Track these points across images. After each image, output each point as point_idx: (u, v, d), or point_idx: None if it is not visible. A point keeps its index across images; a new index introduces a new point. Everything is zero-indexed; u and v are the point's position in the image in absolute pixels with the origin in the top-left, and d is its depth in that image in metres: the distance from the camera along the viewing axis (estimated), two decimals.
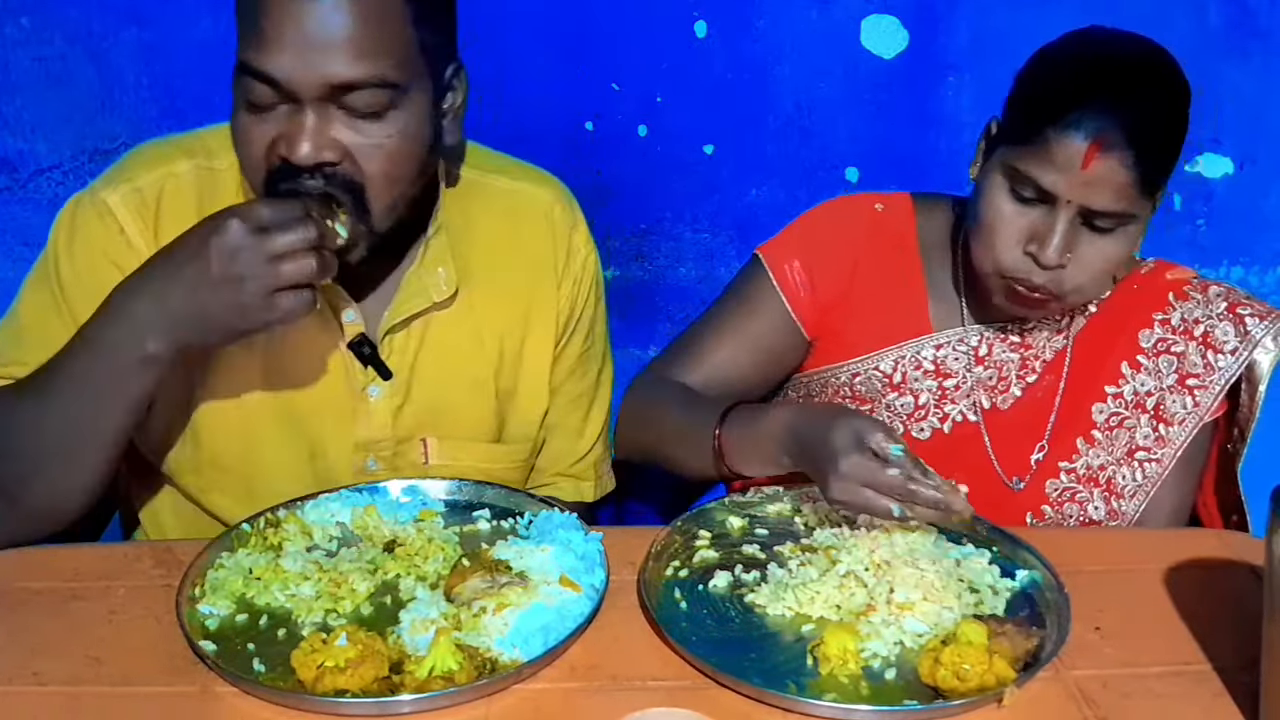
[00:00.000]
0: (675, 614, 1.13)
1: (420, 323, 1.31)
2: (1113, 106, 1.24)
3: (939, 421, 1.46)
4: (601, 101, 1.88)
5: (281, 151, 1.11)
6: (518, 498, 1.31)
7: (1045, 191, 1.27)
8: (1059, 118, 1.24)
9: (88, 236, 1.23)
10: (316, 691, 0.98)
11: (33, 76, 1.85)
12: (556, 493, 1.46)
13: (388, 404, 1.31)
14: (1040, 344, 1.46)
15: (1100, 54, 1.30)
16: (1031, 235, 1.29)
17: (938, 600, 1.13)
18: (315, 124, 1.10)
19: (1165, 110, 1.28)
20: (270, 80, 1.10)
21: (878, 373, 1.47)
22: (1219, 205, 1.98)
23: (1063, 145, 1.24)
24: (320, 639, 1.02)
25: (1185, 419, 1.43)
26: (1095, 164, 1.23)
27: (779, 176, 1.94)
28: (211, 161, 1.27)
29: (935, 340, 1.47)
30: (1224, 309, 1.44)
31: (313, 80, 1.09)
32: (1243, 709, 1.02)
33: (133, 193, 1.23)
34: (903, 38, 1.85)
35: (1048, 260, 1.28)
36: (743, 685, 1.02)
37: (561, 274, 1.38)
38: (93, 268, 1.22)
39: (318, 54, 1.09)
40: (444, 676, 1.00)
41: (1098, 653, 1.09)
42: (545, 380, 1.39)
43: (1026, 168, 1.27)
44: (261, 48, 1.09)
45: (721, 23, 1.85)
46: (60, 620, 1.10)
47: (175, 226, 1.17)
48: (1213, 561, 1.25)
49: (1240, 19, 1.88)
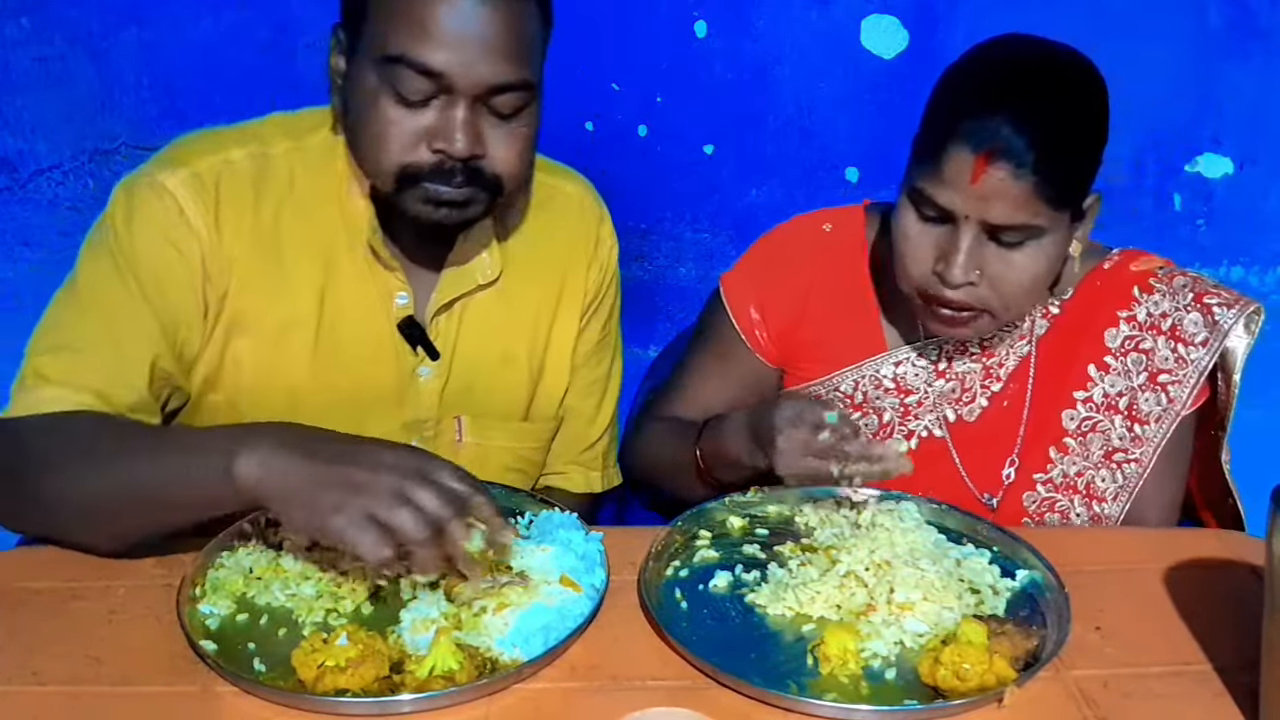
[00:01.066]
0: (675, 614, 1.13)
1: (461, 304, 1.36)
2: (1002, 117, 1.20)
3: (905, 439, 1.45)
4: (601, 101, 1.88)
5: (438, 145, 1.17)
6: (518, 498, 1.31)
7: (943, 210, 1.25)
8: (949, 132, 1.22)
9: (147, 215, 1.24)
10: (317, 691, 0.98)
11: (33, 76, 1.85)
12: (566, 482, 1.52)
13: (435, 384, 1.35)
14: (1002, 352, 1.44)
15: (995, 65, 1.27)
16: (939, 254, 1.27)
17: (938, 600, 1.13)
18: (470, 118, 1.17)
19: (1063, 118, 1.22)
20: (432, 74, 1.14)
21: (839, 394, 1.47)
22: (1219, 205, 1.98)
23: (953, 161, 1.22)
24: (321, 638, 1.01)
25: (1161, 416, 1.41)
26: (985, 177, 1.20)
27: (779, 176, 1.94)
28: (265, 147, 1.29)
29: (893, 357, 1.46)
30: (1191, 299, 1.41)
31: (474, 79, 1.15)
32: (1243, 709, 1.02)
33: (192, 177, 1.25)
34: (903, 38, 1.85)
35: (952, 279, 1.26)
36: (743, 685, 1.02)
37: (590, 259, 1.45)
38: (152, 244, 1.23)
39: (481, 54, 1.14)
40: (444, 676, 1.00)
41: (1098, 653, 1.09)
42: (569, 359, 1.45)
43: (924, 186, 1.25)
44: (425, 42, 1.14)
45: (721, 23, 1.85)
46: (60, 620, 1.09)
47: (234, 212, 1.24)
48: (1213, 561, 1.25)
49: (1240, 19, 1.87)
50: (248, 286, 1.27)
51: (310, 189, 1.29)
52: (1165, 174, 1.96)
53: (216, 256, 1.25)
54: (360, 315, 1.31)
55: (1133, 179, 1.96)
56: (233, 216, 1.24)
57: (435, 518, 0.98)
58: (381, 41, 1.15)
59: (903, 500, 1.31)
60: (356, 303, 1.31)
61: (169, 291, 1.24)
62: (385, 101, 1.17)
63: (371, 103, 1.17)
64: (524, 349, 1.41)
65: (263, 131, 1.31)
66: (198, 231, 1.23)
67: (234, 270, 1.26)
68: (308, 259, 1.29)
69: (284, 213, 1.28)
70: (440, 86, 1.15)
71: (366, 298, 1.31)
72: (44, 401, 1.16)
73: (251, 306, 1.28)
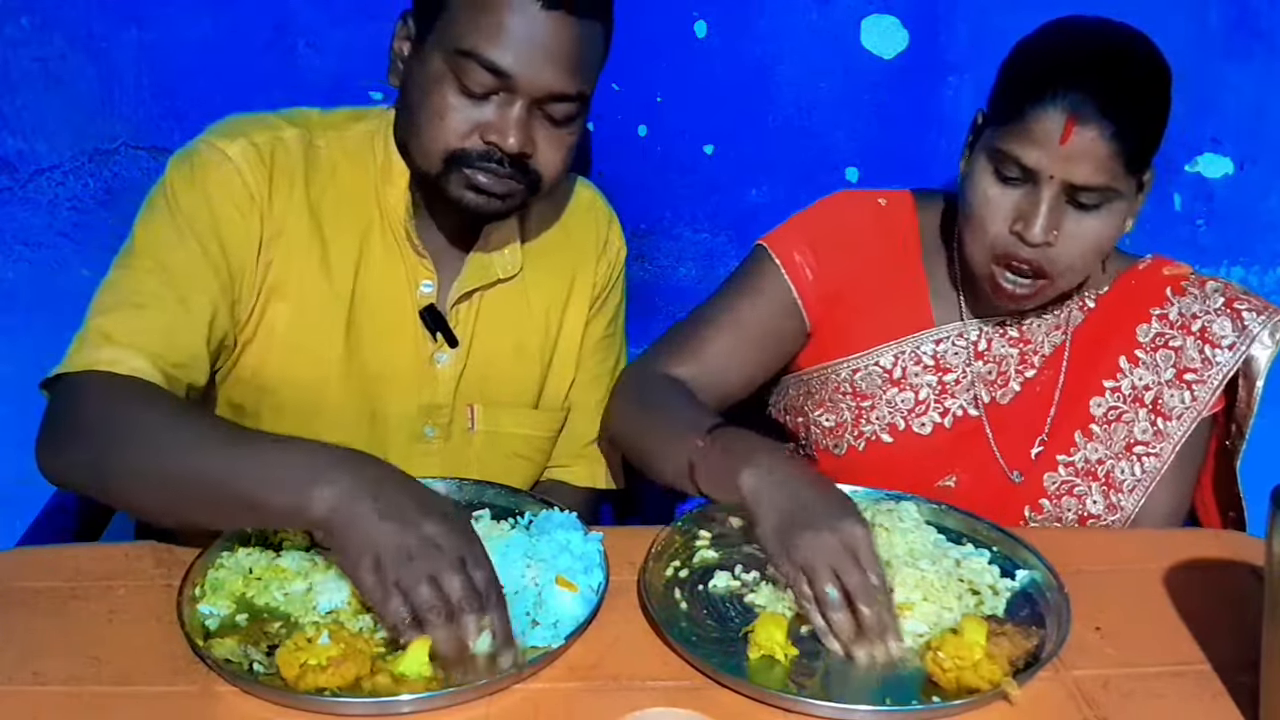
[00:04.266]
0: (675, 614, 1.13)
1: (479, 295, 1.41)
2: (1089, 80, 1.25)
3: (939, 416, 1.46)
4: (601, 101, 1.87)
5: (491, 138, 1.23)
6: (518, 498, 1.31)
7: (1028, 169, 1.28)
8: (1037, 95, 1.26)
9: (207, 176, 1.28)
10: (299, 689, 0.98)
11: (33, 76, 1.85)
12: (570, 475, 1.54)
13: (453, 370, 1.40)
14: (1039, 339, 1.47)
15: (1077, 35, 1.32)
16: (1018, 215, 1.30)
17: (938, 600, 1.13)
18: (526, 119, 1.23)
19: (1143, 84, 1.29)
20: (499, 72, 1.20)
21: (878, 368, 1.47)
22: (1219, 205, 1.98)
23: (1041, 121, 1.26)
24: (306, 637, 1.02)
25: (1183, 414, 1.44)
26: (1074, 137, 1.25)
27: (779, 176, 1.94)
28: (313, 136, 1.35)
29: (935, 335, 1.47)
30: (1221, 304, 1.45)
31: (537, 83, 1.21)
32: (1243, 709, 1.02)
33: (250, 147, 1.30)
34: (903, 38, 1.85)
35: (1033, 238, 1.29)
36: (743, 685, 1.02)
37: (599, 256, 1.50)
38: (212, 204, 1.27)
39: (546, 62, 1.21)
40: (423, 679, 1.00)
41: (1098, 653, 1.10)
42: (576, 349, 1.49)
43: (1008, 147, 1.29)
44: (498, 41, 1.19)
45: (721, 23, 1.85)
46: (60, 620, 1.10)
47: (286, 183, 1.31)
48: (1213, 561, 1.26)
49: (1240, 19, 1.87)
50: (292, 257, 1.32)
51: (350, 175, 1.35)
52: (1165, 174, 1.96)
53: (269, 223, 1.30)
54: (387, 299, 1.36)
55: None
56: (285, 187, 1.31)
57: (453, 608, 1.01)
58: (456, 35, 1.21)
59: (902, 500, 1.32)
60: (385, 286, 1.36)
61: (230, 249, 1.28)
62: (449, 88, 1.23)
63: (435, 88, 1.23)
64: (536, 341, 1.46)
65: (306, 120, 1.37)
66: (255, 197, 1.29)
67: (281, 240, 1.31)
68: (346, 239, 1.35)
69: (327, 194, 1.34)
70: (503, 85, 1.21)
71: (395, 282, 1.36)
72: (102, 361, 1.17)
73: (293, 277, 1.32)
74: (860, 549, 1.09)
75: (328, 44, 1.84)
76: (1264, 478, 1.11)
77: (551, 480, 1.55)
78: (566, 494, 1.52)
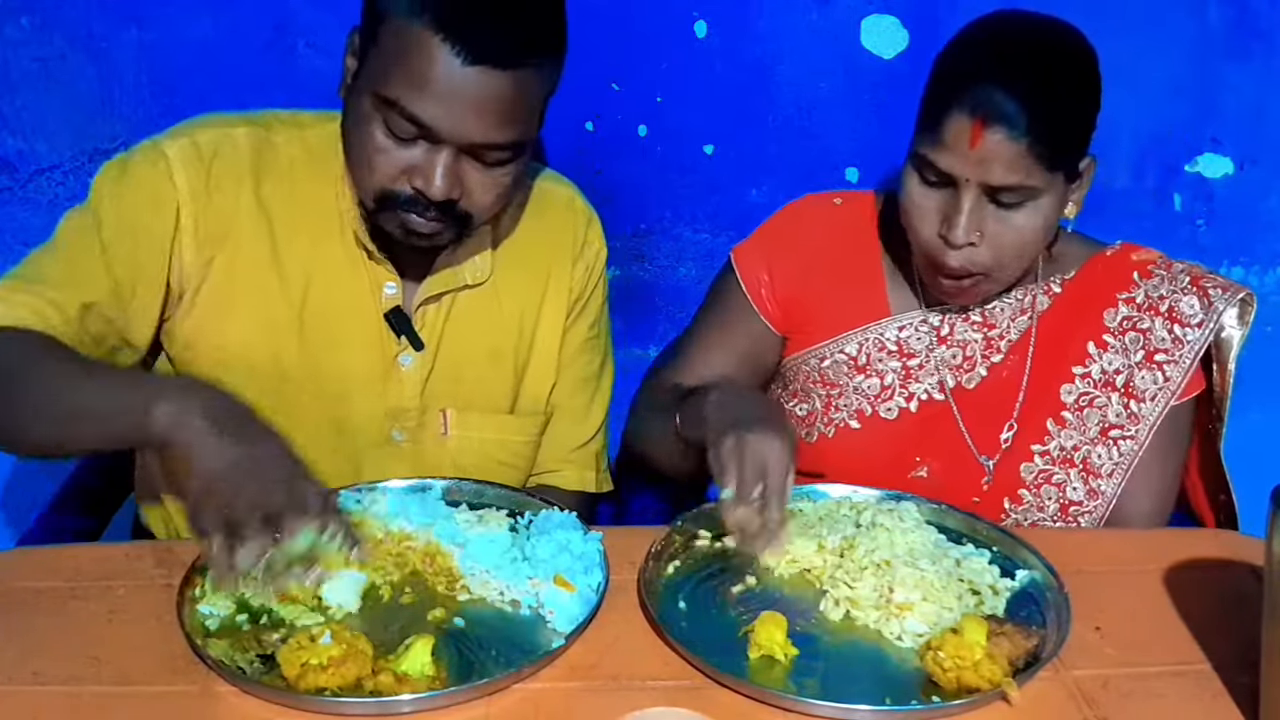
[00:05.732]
0: (675, 614, 1.13)
1: (449, 298, 1.38)
2: (996, 81, 1.25)
3: (905, 401, 1.47)
4: (601, 101, 1.88)
5: (416, 184, 1.20)
6: (518, 498, 1.31)
7: (945, 174, 1.29)
8: (947, 101, 1.28)
9: (136, 175, 1.28)
10: (300, 689, 0.98)
11: (33, 76, 1.84)
12: (561, 480, 1.52)
13: (418, 373, 1.38)
14: (1004, 324, 1.47)
15: (988, 36, 1.32)
16: (942, 218, 1.32)
17: (938, 600, 1.13)
18: (451, 165, 1.19)
19: (1054, 80, 1.27)
20: (421, 125, 1.17)
21: (843, 355, 1.49)
22: (1219, 205, 1.98)
23: (953, 125, 1.27)
24: (308, 637, 1.02)
25: (1156, 395, 1.44)
26: (983, 140, 1.25)
27: (779, 176, 1.94)
28: (270, 134, 1.34)
29: (897, 322, 1.49)
30: (1188, 283, 1.46)
31: (461, 135, 1.17)
32: (1243, 709, 1.02)
33: (190, 145, 1.30)
34: (903, 38, 1.85)
35: (955, 240, 1.30)
36: (743, 685, 1.02)
37: (576, 257, 1.47)
38: (133, 204, 1.28)
39: (474, 115, 1.16)
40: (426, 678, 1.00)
41: (1098, 653, 1.10)
42: (555, 355, 1.47)
43: (926, 153, 1.30)
44: (420, 94, 1.15)
45: (721, 23, 1.85)
46: (60, 620, 1.10)
47: (230, 181, 1.29)
48: (1213, 561, 1.26)
49: (1240, 19, 1.87)
50: (238, 257, 1.31)
51: (309, 176, 1.33)
52: (1165, 174, 1.96)
53: (207, 221, 1.29)
54: (349, 300, 1.34)
55: (1133, 179, 1.95)
56: (228, 186, 1.29)
57: (270, 515, 1.00)
58: (382, 79, 1.17)
59: (902, 500, 1.32)
60: (344, 286, 1.34)
61: (137, 252, 1.27)
62: (377, 129, 1.20)
63: (365, 126, 1.20)
64: (510, 344, 1.44)
65: (268, 119, 1.36)
66: (186, 196, 1.28)
67: (226, 239, 1.30)
68: (300, 240, 1.33)
69: (280, 193, 1.32)
70: (426, 135, 1.18)
71: (358, 283, 1.34)
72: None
73: (241, 278, 1.31)
74: (770, 458, 1.14)
75: (328, 44, 1.83)
76: (1261, 476, 1.11)
77: (541, 485, 1.52)
78: (558, 499, 1.50)
